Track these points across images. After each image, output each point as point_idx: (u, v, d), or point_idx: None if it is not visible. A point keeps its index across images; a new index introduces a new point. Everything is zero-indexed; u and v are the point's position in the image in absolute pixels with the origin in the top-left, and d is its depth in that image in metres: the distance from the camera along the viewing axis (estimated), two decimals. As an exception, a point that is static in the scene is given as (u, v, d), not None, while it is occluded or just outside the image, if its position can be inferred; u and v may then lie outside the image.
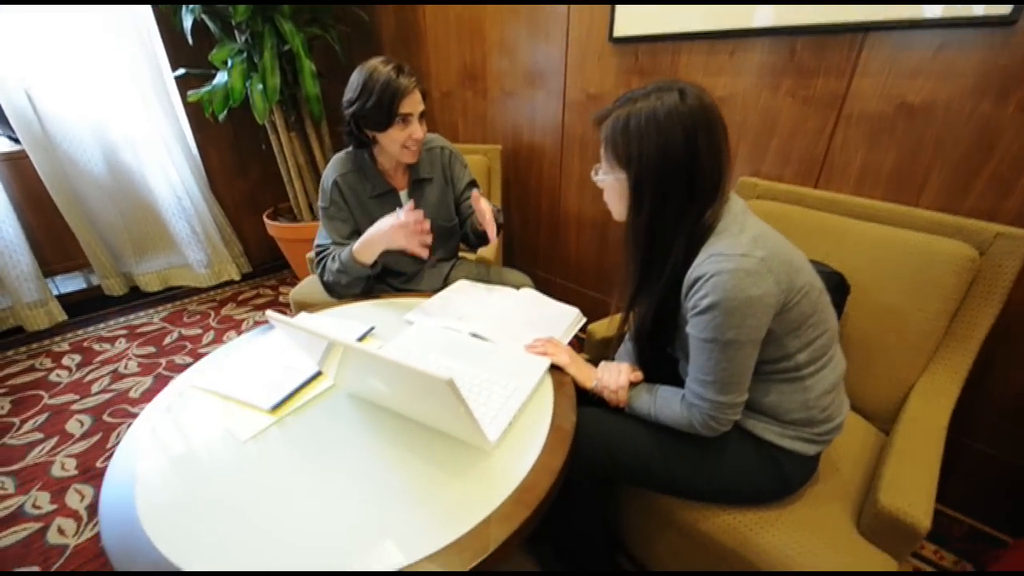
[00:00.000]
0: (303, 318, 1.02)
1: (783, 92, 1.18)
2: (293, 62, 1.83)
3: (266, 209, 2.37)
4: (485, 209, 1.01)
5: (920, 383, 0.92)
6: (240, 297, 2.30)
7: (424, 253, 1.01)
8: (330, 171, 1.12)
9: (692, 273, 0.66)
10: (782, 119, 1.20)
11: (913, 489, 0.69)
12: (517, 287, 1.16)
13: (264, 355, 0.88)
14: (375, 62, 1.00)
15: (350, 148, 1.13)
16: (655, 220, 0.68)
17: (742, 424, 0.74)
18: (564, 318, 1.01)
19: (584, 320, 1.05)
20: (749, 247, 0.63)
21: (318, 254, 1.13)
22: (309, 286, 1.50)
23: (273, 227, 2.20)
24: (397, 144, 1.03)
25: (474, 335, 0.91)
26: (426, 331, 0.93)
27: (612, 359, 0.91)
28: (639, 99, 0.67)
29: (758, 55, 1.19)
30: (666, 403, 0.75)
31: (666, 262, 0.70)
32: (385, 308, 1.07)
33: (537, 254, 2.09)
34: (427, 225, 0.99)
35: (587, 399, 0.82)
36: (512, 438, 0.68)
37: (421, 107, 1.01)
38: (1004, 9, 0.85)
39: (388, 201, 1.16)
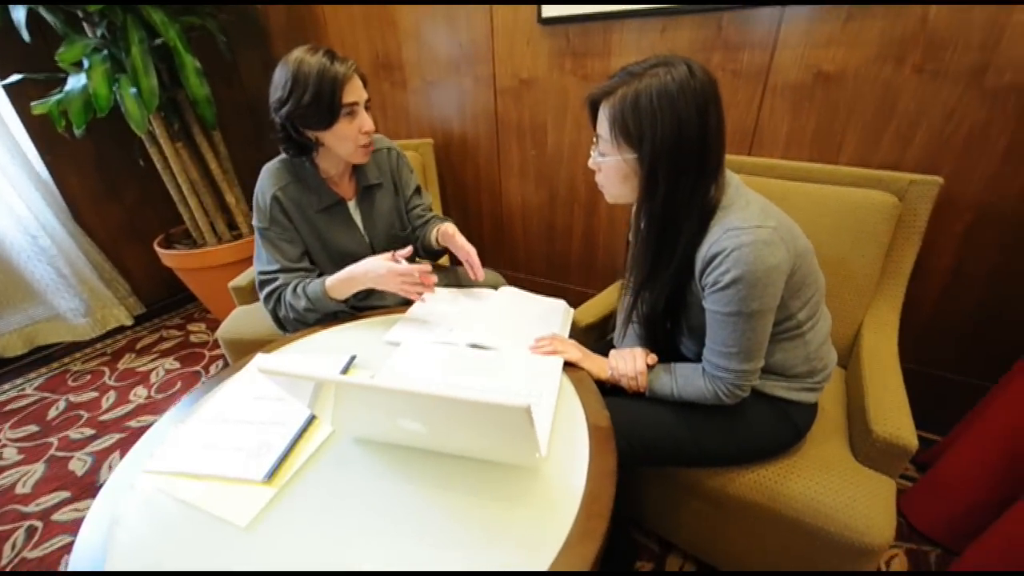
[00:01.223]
0: (275, 362, 0.86)
1: (714, 66, 1.24)
2: (169, 59, 1.54)
3: (154, 236, 2.01)
4: (469, 249, 1.00)
5: (867, 319, 1.04)
6: (139, 345, 1.94)
7: (417, 298, 0.93)
8: (265, 185, 0.96)
9: (709, 250, 0.66)
10: (714, 93, 1.27)
11: (896, 416, 0.78)
12: (494, 287, 1.10)
13: (227, 415, 0.72)
14: (299, 53, 0.86)
15: (283, 156, 0.98)
16: (669, 199, 0.66)
17: (755, 386, 0.78)
18: (554, 312, 0.99)
19: (572, 311, 1.03)
20: (761, 218, 0.65)
21: (264, 284, 0.97)
22: (241, 320, 1.30)
23: (169, 256, 1.87)
24: (348, 141, 0.90)
25: (473, 345, 0.85)
26: (418, 350, 0.84)
27: (613, 346, 0.91)
28: (643, 74, 0.64)
29: (688, 31, 1.24)
30: (687, 381, 0.76)
31: (678, 241, 0.70)
32: (357, 332, 0.95)
33: (482, 249, 1.97)
34: (435, 279, 0.93)
35: (602, 389, 0.81)
36: (554, 448, 0.64)
37: (365, 95, 0.90)
38: (897, -17, 0.96)
39: (337, 214, 1.02)
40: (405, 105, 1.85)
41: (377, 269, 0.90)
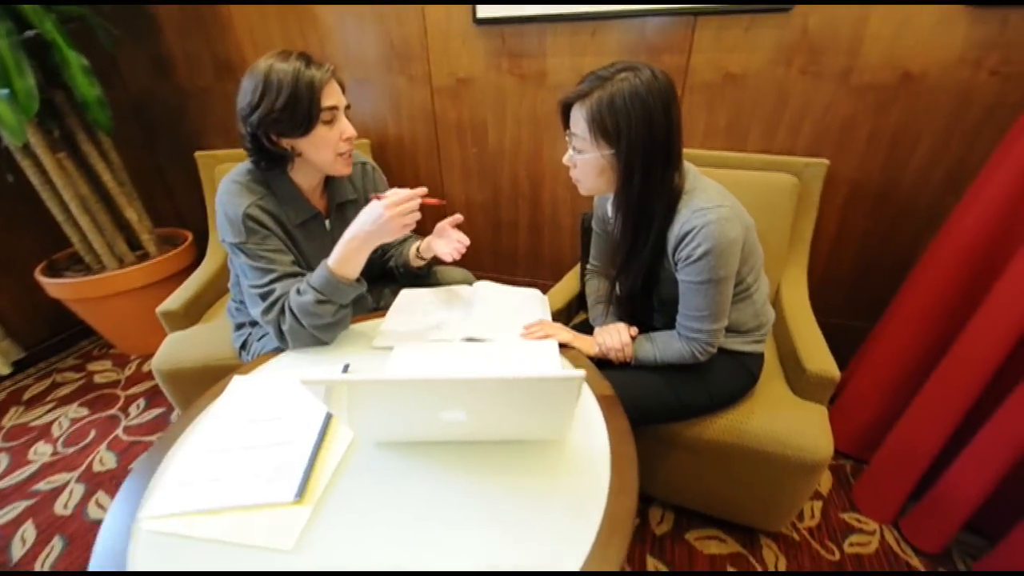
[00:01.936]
0: (250, 382, 0.80)
1: (640, 68, 1.38)
2: (43, 56, 1.31)
3: (30, 266, 1.70)
4: (463, 237, 0.96)
5: (783, 279, 1.25)
6: (26, 395, 1.63)
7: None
8: (235, 200, 0.85)
9: (680, 229, 0.76)
10: (642, 91, 1.41)
11: (820, 355, 0.97)
12: (466, 283, 1.13)
13: (224, 444, 0.67)
14: (268, 59, 0.79)
15: (249, 167, 0.90)
16: (643, 188, 0.75)
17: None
18: (533, 300, 1.04)
19: (547, 298, 1.09)
20: (720, 199, 0.76)
21: (263, 298, 0.86)
22: (177, 348, 1.18)
23: (59, 286, 1.59)
24: (329, 149, 0.85)
25: (469, 339, 0.87)
26: (415, 350, 0.85)
27: (589, 327, 0.99)
28: (612, 78, 0.72)
29: (616, 35, 1.36)
30: (667, 346, 0.86)
31: (652, 224, 0.79)
32: (340, 340, 0.92)
33: (427, 249, 2.02)
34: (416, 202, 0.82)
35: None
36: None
37: (345, 100, 0.86)
38: (784, -1, 1.16)
39: (313, 229, 0.96)
40: (333, 105, 1.77)
41: (373, 215, 0.79)
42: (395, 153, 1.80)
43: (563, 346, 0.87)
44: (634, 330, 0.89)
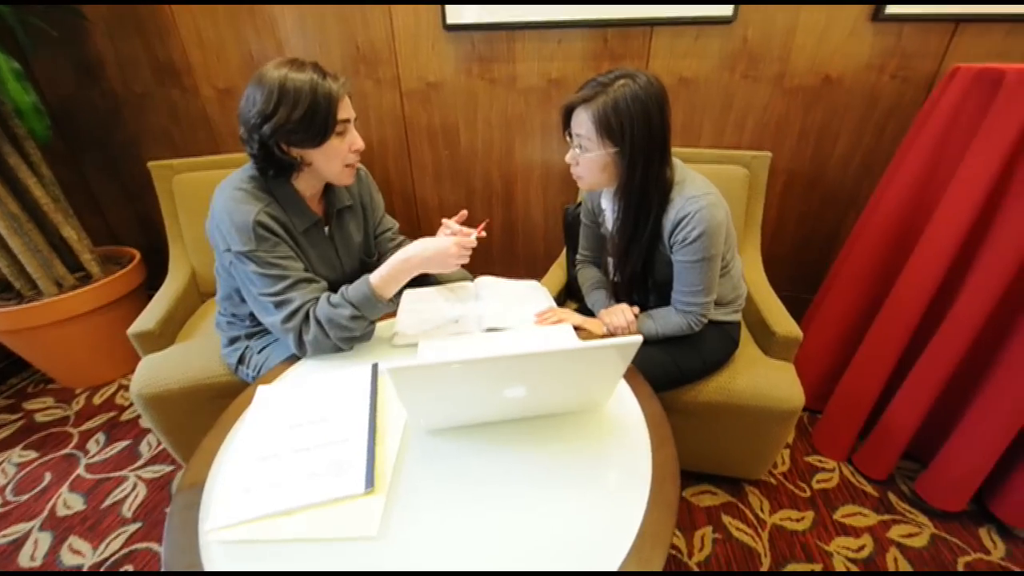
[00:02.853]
0: (290, 385, 0.79)
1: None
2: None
3: (-58, 296, 1.49)
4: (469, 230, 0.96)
5: (743, 258, 1.41)
6: (-51, 444, 1.42)
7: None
8: (243, 207, 0.82)
9: (675, 216, 0.87)
10: (606, 94, 1.53)
11: (784, 320, 1.12)
12: (469, 280, 1.17)
13: (272, 451, 0.66)
14: (280, 68, 0.78)
15: (250, 175, 0.88)
16: (643, 180, 0.84)
17: (707, 316, 1.02)
18: (535, 290, 1.11)
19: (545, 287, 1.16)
20: (707, 187, 0.88)
21: (279, 306, 0.84)
22: (157, 370, 1.11)
23: (-15, 318, 1.41)
24: (339, 160, 0.86)
25: (490, 329, 0.92)
26: (440, 345, 0.88)
27: (586, 311, 1.08)
28: (612, 84, 0.80)
29: (580, 42, 1.46)
30: (666, 321, 0.96)
31: (650, 213, 0.89)
32: (357, 346, 0.92)
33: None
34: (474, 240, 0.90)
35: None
36: (602, 392, 0.78)
37: (354, 113, 0.87)
38: (727, 11, 1.32)
39: (316, 236, 0.95)
40: (294, 110, 1.71)
41: (440, 245, 0.86)
42: (364, 157, 1.77)
43: (575, 329, 0.94)
44: (636, 309, 0.99)
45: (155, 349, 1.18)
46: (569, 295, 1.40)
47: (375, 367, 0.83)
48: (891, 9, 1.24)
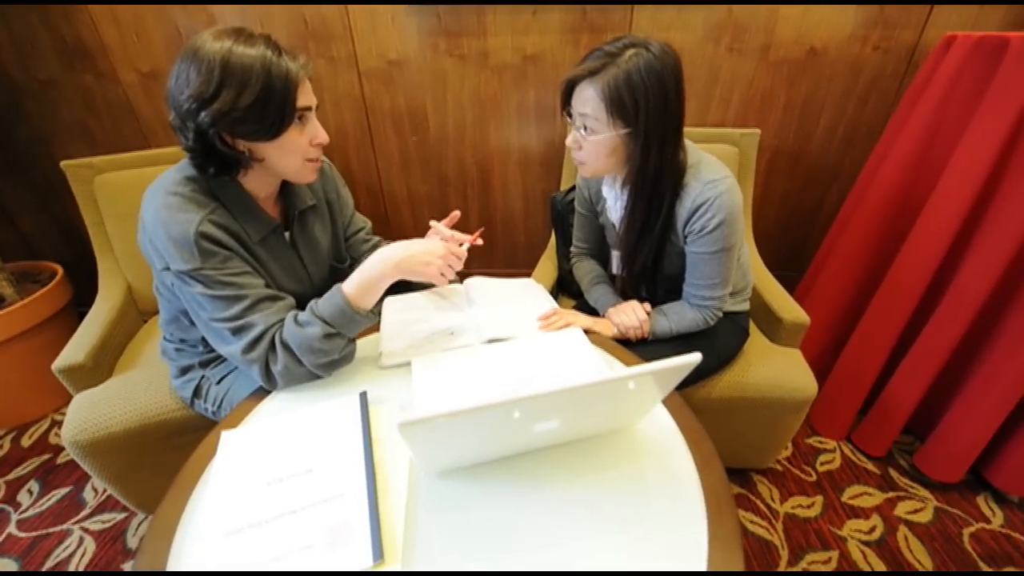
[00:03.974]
0: (249, 432, 0.66)
1: (583, 47, 1.38)
2: None
3: None
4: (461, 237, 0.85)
5: (735, 242, 1.37)
6: None
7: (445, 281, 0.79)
8: (179, 216, 0.67)
9: (692, 203, 0.78)
10: (586, 70, 1.42)
11: (789, 306, 1.08)
12: (458, 281, 1.05)
13: (254, 517, 0.54)
14: (220, 40, 0.62)
15: (188, 174, 0.71)
16: (657, 164, 0.75)
17: (719, 307, 0.96)
18: (531, 289, 1.01)
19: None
20: (724, 170, 0.80)
21: (237, 333, 0.70)
22: (94, 411, 0.95)
23: None
24: (297, 155, 0.71)
25: (492, 340, 0.81)
26: (439, 362, 0.77)
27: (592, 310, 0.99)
28: (622, 53, 0.70)
29: (558, 14, 1.34)
30: (680, 317, 0.89)
31: (663, 200, 0.80)
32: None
33: (367, 251, 1.86)
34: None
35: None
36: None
37: (316, 100, 0.72)
38: (713, -20, 1.24)
39: (274, 244, 0.80)
40: (235, 96, 1.51)
41: (428, 247, 0.74)
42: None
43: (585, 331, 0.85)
44: (647, 306, 0.91)
45: (89, 384, 1.00)
46: (561, 289, 1.31)
47: (364, 397, 0.71)
48: (877, -25, 1.19)
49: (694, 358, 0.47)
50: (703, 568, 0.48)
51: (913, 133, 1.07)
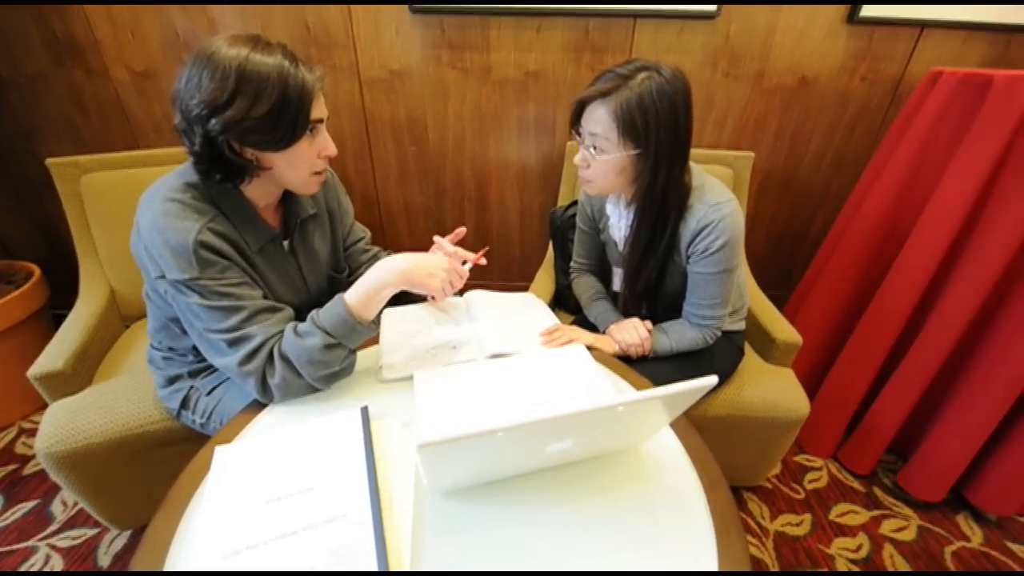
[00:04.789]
0: (238, 446, 0.63)
1: (584, 65, 1.41)
2: None
3: None
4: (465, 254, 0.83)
5: (727, 261, 1.39)
6: None
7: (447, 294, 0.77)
8: (179, 223, 0.65)
9: (696, 224, 0.80)
10: (586, 89, 1.45)
11: (782, 326, 1.10)
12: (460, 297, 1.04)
13: (254, 538, 0.52)
14: (236, 46, 0.60)
15: (188, 180, 0.69)
16: (665, 185, 0.77)
17: (716, 326, 0.97)
18: (533, 304, 1.01)
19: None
20: (727, 193, 0.81)
21: (234, 345, 0.67)
22: (71, 420, 0.92)
23: None
24: (304, 167, 0.70)
25: (495, 355, 0.81)
26: (442, 377, 0.76)
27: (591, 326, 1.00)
28: (634, 76, 0.71)
29: (560, 32, 1.36)
30: (680, 335, 0.90)
31: (668, 220, 0.81)
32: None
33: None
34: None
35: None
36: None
37: (327, 112, 0.71)
38: (711, 8, 1.28)
39: (273, 254, 0.79)
40: (231, 98, 1.48)
41: (434, 261, 0.73)
42: (317, 154, 1.58)
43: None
44: (648, 324, 0.91)
45: (67, 393, 0.96)
46: (558, 304, 1.31)
47: (365, 412, 0.69)
48: (866, 11, 1.25)
49: (710, 381, 0.48)
50: (715, 591, 0.48)
51: (900, 163, 1.11)
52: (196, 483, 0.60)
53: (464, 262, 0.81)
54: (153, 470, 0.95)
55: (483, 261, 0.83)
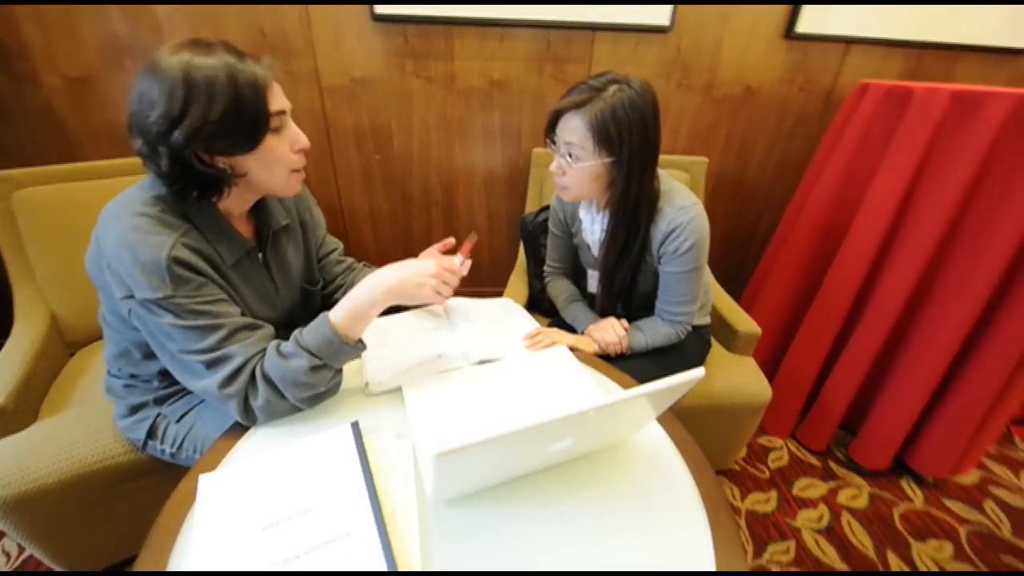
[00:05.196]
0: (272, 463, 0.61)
1: (547, 76, 1.45)
2: None
3: None
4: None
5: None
6: None
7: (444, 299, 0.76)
8: (149, 239, 0.61)
9: (666, 227, 0.85)
10: (549, 99, 1.49)
11: (743, 319, 1.18)
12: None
13: (259, 563, 0.50)
14: (180, 54, 0.58)
15: (155, 193, 0.65)
16: (637, 190, 0.81)
17: (686, 321, 1.03)
18: (512, 310, 1.03)
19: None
20: (692, 196, 0.87)
21: (213, 366, 0.64)
22: (18, 459, 0.84)
23: None
24: (281, 166, 0.67)
25: (482, 361, 0.82)
26: (430, 387, 0.76)
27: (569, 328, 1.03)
28: (606, 88, 0.75)
29: (523, 43, 1.39)
30: (655, 332, 0.95)
31: (641, 224, 0.86)
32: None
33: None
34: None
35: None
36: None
37: (289, 103, 0.68)
38: (665, 20, 1.35)
39: (248, 268, 0.76)
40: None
41: (421, 269, 0.71)
42: (276, 164, 1.53)
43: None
44: (624, 322, 0.96)
45: (10, 431, 0.87)
46: (532, 307, 1.33)
47: (356, 427, 0.68)
48: (800, 28, 1.37)
49: (698, 374, 0.51)
50: (712, 564, 0.52)
51: (836, 167, 1.23)
52: (181, 515, 0.57)
53: (456, 256, 0.80)
54: (114, 507, 0.88)
55: (469, 260, 0.82)
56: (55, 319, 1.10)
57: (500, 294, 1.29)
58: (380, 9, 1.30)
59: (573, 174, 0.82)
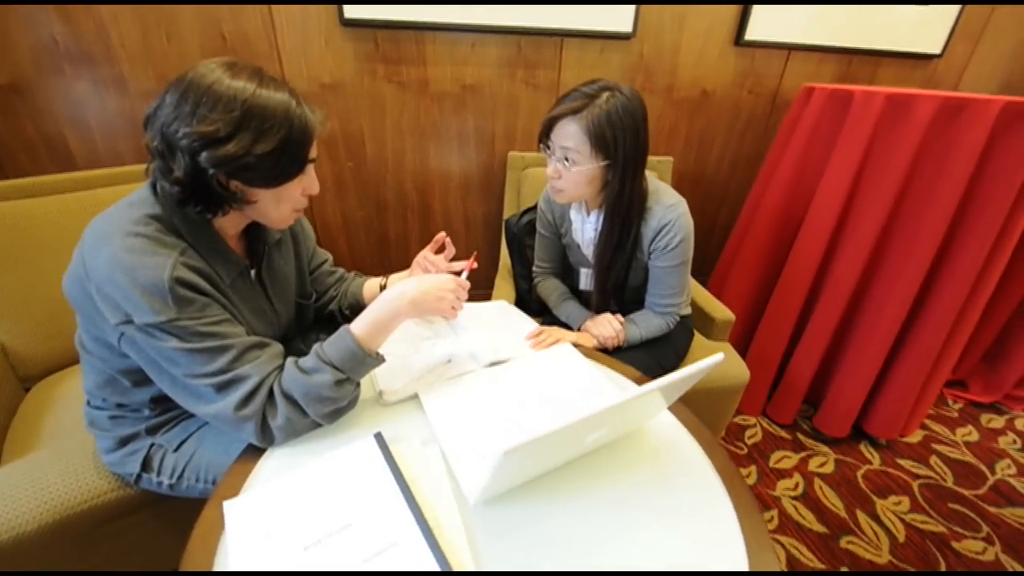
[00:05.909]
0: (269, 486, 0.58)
1: (519, 80, 1.48)
2: None
3: None
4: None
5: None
6: None
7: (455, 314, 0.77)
8: (149, 260, 0.58)
9: (656, 224, 0.90)
10: (522, 103, 1.52)
11: (717, 307, 1.26)
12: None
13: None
14: (241, 78, 0.56)
15: (151, 210, 0.62)
16: (630, 191, 0.86)
17: (672, 312, 1.10)
18: (509, 311, 1.05)
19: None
20: (676, 195, 0.93)
21: (224, 388, 0.62)
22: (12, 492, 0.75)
23: None
24: (288, 204, 0.67)
25: (493, 363, 0.83)
26: (447, 392, 0.76)
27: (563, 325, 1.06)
28: (599, 95, 0.79)
29: (495, 48, 1.42)
30: (648, 324, 1.00)
31: (632, 222, 0.91)
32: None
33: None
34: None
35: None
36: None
37: (316, 152, 0.68)
38: (627, 28, 1.42)
39: (241, 286, 0.73)
40: (129, 113, 1.31)
41: (441, 283, 0.73)
42: (241, 174, 1.45)
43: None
44: (619, 316, 1.00)
45: (-27, 476, 0.78)
46: (519, 307, 1.35)
47: (380, 437, 0.68)
48: (748, 36, 1.49)
49: (718, 358, 0.56)
50: (739, 535, 0.56)
51: (789, 164, 1.34)
52: (211, 545, 0.54)
53: (460, 273, 0.82)
54: (103, 548, 0.82)
55: (475, 265, 0.85)
56: (5, 351, 0.99)
57: (483, 296, 1.31)
58: (349, 13, 1.27)
59: (570, 177, 0.85)
